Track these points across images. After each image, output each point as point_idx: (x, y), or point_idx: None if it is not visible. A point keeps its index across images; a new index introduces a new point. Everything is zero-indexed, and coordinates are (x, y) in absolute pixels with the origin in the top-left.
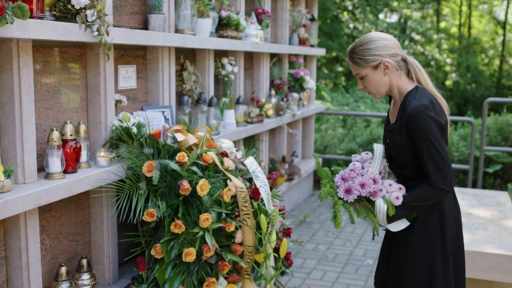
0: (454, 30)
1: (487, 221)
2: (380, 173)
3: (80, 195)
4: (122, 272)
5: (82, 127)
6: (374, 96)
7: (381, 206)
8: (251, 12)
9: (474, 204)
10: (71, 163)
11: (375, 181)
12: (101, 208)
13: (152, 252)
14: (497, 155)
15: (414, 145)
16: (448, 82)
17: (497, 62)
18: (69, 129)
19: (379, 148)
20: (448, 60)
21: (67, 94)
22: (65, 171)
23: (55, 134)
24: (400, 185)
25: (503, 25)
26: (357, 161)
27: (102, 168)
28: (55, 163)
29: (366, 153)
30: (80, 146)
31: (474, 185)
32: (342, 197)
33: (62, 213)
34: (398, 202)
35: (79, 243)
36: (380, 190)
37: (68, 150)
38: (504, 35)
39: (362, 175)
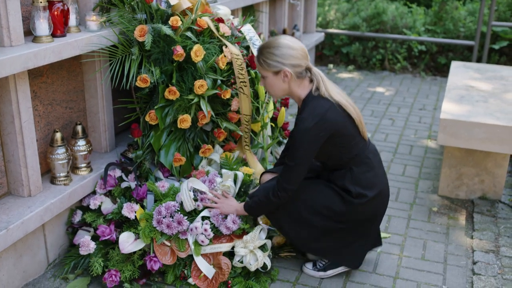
0: None
1: (488, 93)
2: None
3: (72, 61)
4: (118, 140)
5: None
6: (272, 97)
7: (190, 242)
8: None
9: (476, 77)
10: (59, 26)
11: (179, 223)
12: (94, 74)
13: (147, 118)
14: (504, 31)
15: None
16: None
17: None
18: None
19: (186, 184)
20: None
21: None
22: (54, 35)
23: None
24: (206, 227)
25: None
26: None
27: (93, 33)
28: (42, 26)
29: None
30: (68, 9)
31: (479, 62)
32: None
33: (54, 79)
34: (204, 243)
35: (73, 111)
36: (186, 231)
37: (56, 12)
38: None
39: (172, 216)
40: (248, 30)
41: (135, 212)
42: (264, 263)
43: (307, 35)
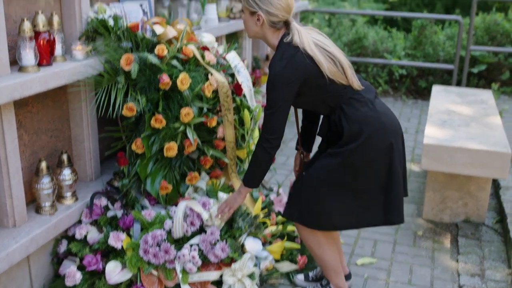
0: None
1: (469, 118)
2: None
3: (57, 90)
4: (104, 168)
5: (55, 19)
6: (247, 34)
7: (178, 270)
8: None
9: (457, 101)
10: (45, 56)
11: (166, 252)
12: (80, 103)
13: (133, 147)
14: (482, 55)
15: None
16: None
17: None
18: (41, 19)
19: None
20: None
21: None
22: (40, 65)
23: (26, 25)
24: (194, 253)
25: None
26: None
27: (79, 62)
28: (28, 56)
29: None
30: (54, 39)
31: (458, 85)
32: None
33: (39, 108)
34: (192, 271)
35: (58, 139)
36: (173, 260)
37: (42, 42)
38: None
39: (159, 245)
40: (233, 57)
41: (122, 241)
42: None
43: None
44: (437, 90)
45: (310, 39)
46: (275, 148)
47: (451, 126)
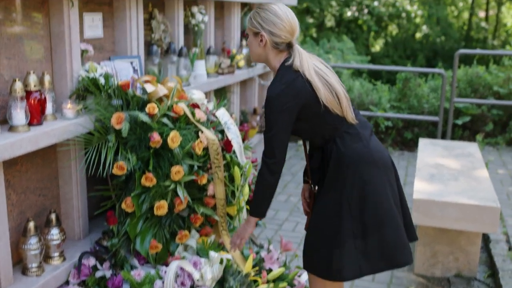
0: None
1: (457, 172)
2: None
3: (47, 148)
4: (93, 226)
5: (47, 78)
6: (251, 57)
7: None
8: None
9: (444, 155)
10: (36, 115)
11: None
12: (69, 161)
13: (123, 206)
14: (466, 107)
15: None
16: (418, 35)
17: (465, 15)
18: (32, 79)
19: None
20: (419, 12)
21: (30, 43)
22: (30, 124)
23: (18, 85)
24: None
25: None
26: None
27: (69, 120)
28: (19, 115)
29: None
30: (45, 98)
31: (443, 137)
32: None
33: (28, 167)
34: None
35: (47, 198)
36: None
37: (33, 101)
38: None
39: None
40: (222, 114)
41: None
42: None
43: None
44: (424, 143)
45: (311, 64)
46: (276, 173)
47: (440, 180)
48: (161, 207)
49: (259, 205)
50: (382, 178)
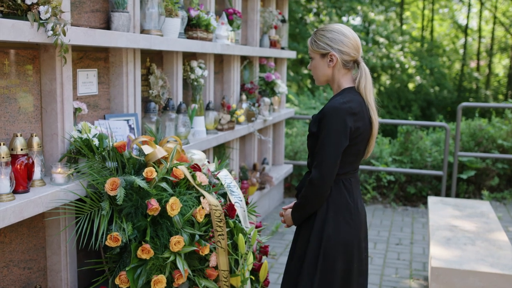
0: (415, 33)
1: (474, 234)
2: None
3: (34, 216)
4: None
5: (35, 140)
6: (315, 81)
7: None
8: (221, 12)
9: (457, 215)
10: (22, 182)
11: None
12: (58, 232)
13: (117, 281)
14: (470, 161)
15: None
16: (411, 85)
17: (457, 65)
18: (19, 142)
19: None
20: (413, 63)
21: (18, 102)
22: (15, 191)
23: (3, 149)
24: None
25: (465, 29)
26: None
27: (59, 186)
28: (3, 183)
29: None
30: (33, 162)
31: (447, 191)
32: None
33: (12, 238)
34: None
35: (32, 271)
36: None
37: (19, 166)
38: (465, 38)
39: None
40: (225, 176)
41: None
42: None
43: (276, 167)
44: (433, 201)
45: (371, 88)
46: (323, 189)
47: (457, 244)
48: (159, 282)
49: (301, 217)
50: (353, 240)
